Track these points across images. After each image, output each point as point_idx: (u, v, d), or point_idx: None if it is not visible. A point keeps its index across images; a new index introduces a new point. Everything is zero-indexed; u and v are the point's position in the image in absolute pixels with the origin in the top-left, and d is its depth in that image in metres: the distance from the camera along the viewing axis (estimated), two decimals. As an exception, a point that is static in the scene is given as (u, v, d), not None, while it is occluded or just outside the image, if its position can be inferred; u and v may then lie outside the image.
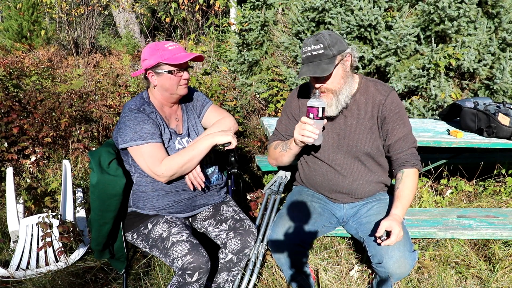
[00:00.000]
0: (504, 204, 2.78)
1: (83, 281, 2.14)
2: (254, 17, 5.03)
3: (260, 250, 1.86)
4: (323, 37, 1.63)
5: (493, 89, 3.22)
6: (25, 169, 3.23)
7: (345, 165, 1.83)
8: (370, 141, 1.78)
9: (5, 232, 2.54)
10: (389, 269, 1.62)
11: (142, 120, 1.68)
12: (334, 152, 1.83)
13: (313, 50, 1.62)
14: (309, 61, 1.64)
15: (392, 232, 1.55)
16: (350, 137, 1.79)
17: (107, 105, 3.96)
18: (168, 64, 1.68)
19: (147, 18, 11.75)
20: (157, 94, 1.78)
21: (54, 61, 8.27)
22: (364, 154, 1.80)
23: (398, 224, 1.56)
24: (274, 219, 1.91)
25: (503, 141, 2.26)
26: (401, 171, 1.75)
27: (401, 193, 1.70)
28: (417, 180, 1.77)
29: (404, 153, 1.76)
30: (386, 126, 1.77)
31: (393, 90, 1.79)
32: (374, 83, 1.81)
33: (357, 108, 1.79)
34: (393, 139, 1.76)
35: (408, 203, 1.70)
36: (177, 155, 1.70)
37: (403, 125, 1.76)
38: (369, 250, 1.72)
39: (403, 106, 1.80)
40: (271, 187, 2.28)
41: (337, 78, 1.68)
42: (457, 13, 3.18)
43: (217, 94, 4.18)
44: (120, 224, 1.82)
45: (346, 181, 1.84)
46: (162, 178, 1.69)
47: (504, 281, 2.11)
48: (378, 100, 1.76)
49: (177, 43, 1.75)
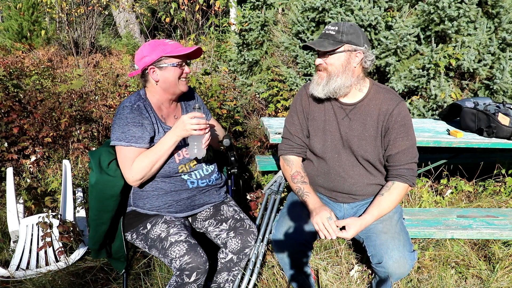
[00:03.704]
0: (504, 204, 2.78)
1: (83, 281, 2.14)
2: (254, 17, 5.03)
3: (260, 250, 1.86)
4: (342, 24, 1.68)
5: (493, 89, 3.22)
6: (25, 169, 3.23)
7: (347, 167, 1.82)
8: (372, 149, 1.76)
9: (5, 232, 2.54)
10: (388, 269, 1.62)
11: (132, 121, 1.67)
12: (337, 153, 1.82)
13: (327, 29, 1.70)
14: (320, 37, 1.70)
15: (346, 231, 1.63)
16: (353, 142, 1.78)
17: (107, 105, 3.96)
18: (171, 56, 1.69)
19: (147, 18, 11.75)
20: (156, 91, 1.77)
21: (54, 61, 8.27)
22: (365, 160, 1.79)
23: (356, 229, 1.64)
24: (276, 218, 1.91)
25: (503, 141, 2.26)
26: (392, 181, 1.76)
27: (382, 202, 1.73)
28: (403, 195, 1.78)
29: (401, 167, 1.74)
30: (388, 137, 1.74)
31: (403, 101, 1.75)
32: (384, 90, 1.78)
33: (363, 113, 1.76)
34: (394, 151, 1.73)
35: (383, 213, 1.74)
36: (145, 157, 1.68)
37: (406, 138, 1.73)
38: (369, 250, 1.72)
39: (411, 119, 1.77)
40: (271, 187, 2.28)
41: (337, 63, 1.68)
42: (457, 13, 3.18)
43: (217, 94, 4.17)
44: (119, 225, 1.82)
45: (347, 183, 1.84)
46: (132, 181, 1.69)
47: (504, 281, 2.11)
48: (385, 109, 1.73)
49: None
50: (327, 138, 1.81)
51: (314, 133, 1.85)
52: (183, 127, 1.66)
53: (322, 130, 1.82)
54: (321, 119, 1.83)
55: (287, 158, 1.92)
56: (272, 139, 2.30)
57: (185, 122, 1.66)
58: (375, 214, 1.71)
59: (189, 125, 1.65)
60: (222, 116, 3.90)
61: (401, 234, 1.70)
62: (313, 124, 1.85)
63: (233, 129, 3.95)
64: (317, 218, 1.65)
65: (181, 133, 1.68)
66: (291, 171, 1.87)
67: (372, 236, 1.72)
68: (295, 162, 1.89)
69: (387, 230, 1.71)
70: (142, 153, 1.69)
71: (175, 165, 1.76)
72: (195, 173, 1.83)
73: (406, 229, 1.78)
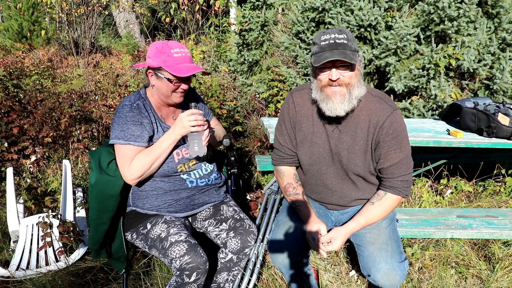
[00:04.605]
0: (504, 204, 2.78)
1: (83, 281, 2.14)
2: (254, 17, 5.03)
3: (260, 250, 1.86)
4: (345, 31, 1.53)
5: (493, 89, 3.22)
6: (25, 169, 3.23)
7: (335, 181, 1.74)
8: (362, 163, 1.66)
9: (5, 232, 2.54)
10: (377, 282, 1.59)
11: (131, 120, 1.68)
12: (325, 165, 1.72)
13: (336, 38, 1.49)
14: (333, 47, 1.48)
15: (332, 243, 1.57)
16: (343, 155, 1.67)
17: (107, 105, 3.96)
18: (169, 72, 1.66)
19: (147, 18, 11.76)
20: (155, 93, 1.78)
21: (54, 61, 8.28)
22: (355, 174, 1.69)
23: (341, 240, 1.59)
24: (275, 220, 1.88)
25: (503, 141, 2.27)
26: (384, 192, 1.68)
27: (371, 211, 1.67)
28: (395, 206, 1.70)
29: (395, 180, 1.64)
30: (379, 151, 1.62)
31: (396, 110, 1.61)
32: (377, 99, 1.63)
33: (353, 125, 1.64)
34: (386, 164, 1.62)
35: (371, 222, 1.68)
36: (145, 155, 1.68)
37: (399, 150, 1.61)
38: (359, 260, 1.69)
39: (405, 128, 1.63)
40: (271, 187, 2.29)
41: (357, 73, 1.55)
42: (457, 13, 3.18)
43: (217, 94, 4.18)
44: (119, 224, 1.83)
45: (335, 196, 1.78)
46: (131, 179, 1.68)
47: (504, 281, 2.11)
48: (375, 121, 1.60)
49: (185, 46, 1.72)
50: (314, 151, 1.71)
51: (301, 144, 1.74)
52: (182, 125, 1.67)
53: (310, 142, 1.71)
54: (308, 131, 1.71)
55: (278, 169, 1.84)
56: (272, 139, 2.29)
57: (183, 119, 1.67)
58: (362, 223, 1.64)
59: (187, 122, 1.66)
60: (222, 116, 3.90)
61: (389, 244, 1.63)
62: (300, 135, 1.73)
63: (233, 129, 3.96)
64: (307, 235, 1.63)
65: (180, 131, 1.68)
66: (283, 183, 1.81)
67: (361, 246, 1.68)
68: (287, 173, 1.81)
69: (374, 240, 1.65)
70: (141, 151, 1.69)
71: (174, 164, 1.76)
72: (194, 173, 1.83)
73: (397, 235, 1.71)
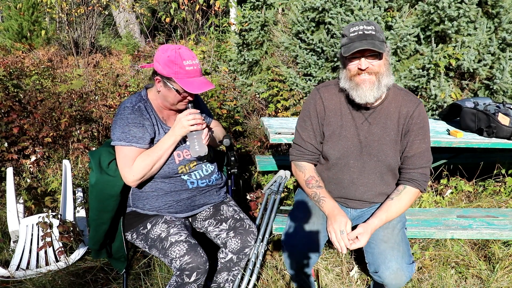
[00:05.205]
0: (504, 204, 2.78)
1: (83, 281, 2.14)
2: (254, 17, 5.03)
3: (260, 250, 1.86)
4: (373, 23, 1.59)
5: (493, 89, 3.22)
6: (25, 169, 3.23)
7: (362, 174, 1.75)
8: (393, 153, 1.71)
9: (5, 232, 2.54)
10: (384, 280, 1.59)
11: (133, 122, 1.68)
12: (353, 159, 1.74)
13: (365, 29, 1.55)
14: (361, 38, 1.54)
15: (359, 239, 1.56)
16: (373, 146, 1.71)
17: (107, 105, 3.96)
18: (180, 86, 1.64)
19: (147, 18, 11.75)
20: (158, 98, 1.77)
21: (54, 61, 8.27)
22: (385, 166, 1.72)
23: (367, 235, 1.57)
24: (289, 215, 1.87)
25: (503, 141, 2.27)
26: (404, 185, 1.72)
27: (391, 206, 1.68)
28: (413, 200, 1.73)
29: (415, 171, 1.70)
30: (407, 138, 1.69)
31: (421, 103, 1.71)
32: (403, 92, 1.73)
33: (383, 116, 1.70)
34: (410, 153, 1.69)
35: (391, 218, 1.69)
36: (146, 156, 1.68)
37: (423, 141, 1.69)
38: (367, 257, 1.69)
39: (428, 121, 1.72)
40: (271, 187, 2.28)
41: (385, 63, 1.62)
42: (457, 13, 3.18)
43: (217, 94, 4.18)
44: (119, 224, 1.82)
45: (359, 190, 1.78)
46: (132, 180, 1.68)
47: (504, 281, 2.11)
48: (405, 111, 1.69)
49: (195, 56, 1.70)
50: (342, 144, 1.73)
51: (328, 139, 1.76)
52: (181, 125, 1.68)
53: (338, 135, 1.74)
54: (337, 124, 1.74)
55: (298, 164, 1.83)
56: (272, 139, 2.29)
57: (181, 119, 1.68)
58: (383, 219, 1.66)
59: (186, 121, 1.67)
60: (222, 116, 3.90)
61: (401, 245, 1.65)
62: (328, 130, 1.75)
63: (233, 129, 3.95)
64: (332, 227, 1.60)
65: (180, 131, 1.69)
66: (304, 177, 1.79)
67: (371, 243, 1.68)
68: (308, 167, 1.81)
69: (388, 239, 1.66)
70: (142, 152, 1.69)
71: (175, 165, 1.76)
72: (195, 174, 1.83)
73: (407, 239, 1.73)
